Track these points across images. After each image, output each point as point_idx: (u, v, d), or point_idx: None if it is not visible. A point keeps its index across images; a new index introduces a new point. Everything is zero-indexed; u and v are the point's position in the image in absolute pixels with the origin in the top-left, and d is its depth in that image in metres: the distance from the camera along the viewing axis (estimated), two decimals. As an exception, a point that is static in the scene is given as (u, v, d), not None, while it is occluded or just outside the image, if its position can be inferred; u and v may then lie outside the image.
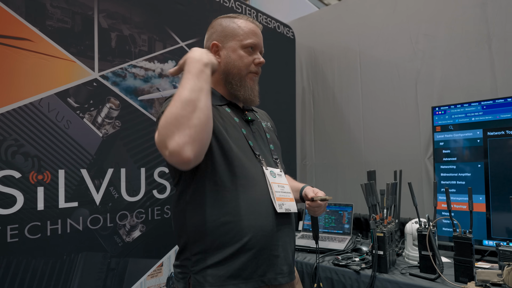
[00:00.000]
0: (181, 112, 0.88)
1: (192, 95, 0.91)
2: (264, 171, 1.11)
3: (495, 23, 1.85)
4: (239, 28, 1.15)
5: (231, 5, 2.10)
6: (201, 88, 0.94)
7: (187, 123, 0.88)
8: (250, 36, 1.15)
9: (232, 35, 1.15)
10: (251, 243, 1.03)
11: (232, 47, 1.15)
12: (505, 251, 1.36)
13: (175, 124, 0.87)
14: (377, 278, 1.47)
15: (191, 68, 0.97)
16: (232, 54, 1.14)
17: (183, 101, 0.89)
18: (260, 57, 1.17)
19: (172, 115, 0.88)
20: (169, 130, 0.87)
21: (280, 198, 1.10)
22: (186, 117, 0.88)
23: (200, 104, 0.91)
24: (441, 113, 1.85)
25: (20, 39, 1.25)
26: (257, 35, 1.17)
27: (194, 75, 0.95)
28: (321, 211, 1.24)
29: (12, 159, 1.22)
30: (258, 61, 1.16)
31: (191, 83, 0.93)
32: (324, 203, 1.22)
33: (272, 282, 1.06)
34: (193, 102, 0.90)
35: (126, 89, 1.55)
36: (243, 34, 1.14)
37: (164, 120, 0.89)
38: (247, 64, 1.15)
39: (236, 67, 1.14)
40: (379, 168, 1.96)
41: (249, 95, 1.16)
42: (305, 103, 2.69)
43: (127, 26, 1.57)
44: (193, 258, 1.04)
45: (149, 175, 1.61)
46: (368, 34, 2.34)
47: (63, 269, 1.33)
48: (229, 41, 1.15)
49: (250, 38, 1.15)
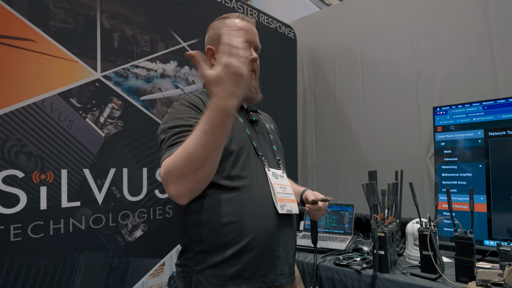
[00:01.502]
0: (188, 169, 0.89)
1: (204, 153, 0.88)
2: (267, 172, 1.12)
3: (497, 23, 1.85)
4: (229, 29, 1.15)
5: (232, 5, 2.10)
6: (215, 146, 0.89)
7: (190, 177, 0.90)
8: (240, 34, 1.15)
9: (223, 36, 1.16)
10: (252, 244, 1.03)
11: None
12: (506, 251, 1.36)
13: (179, 176, 0.90)
14: (378, 278, 1.47)
15: (212, 118, 0.86)
16: None
17: (192, 158, 0.88)
18: (253, 53, 1.17)
19: (180, 168, 0.90)
20: (172, 178, 0.91)
21: (282, 199, 1.11)
22: (191, 173, 0.90)
23: (209, 161, 0.90)
24: (442, 113, 1.85)
25: (23, 40, 1.26)
26: (247, 32, 1.17)
27: (213, 129, 0.86)
28: (321, 214, 1.25)
29: (15, 159, 1.22)
30: (251, 58, 1.15)
31: (207, 139, 0.87)
32: (324, 207, 1.23)
33: (273, 283, 1.06)
34: (203, 160, 0.89)
35: (128, 89, 1.56)
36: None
37: (170, 166, 0.91)
38: None
39: None
40: (380, 168, 1.96)
41: (246, 92, 1.16)
42: (306, 103, 2.69)
43: (129, 26, 1.57)
44: (195, 257, 1.05)
45: (151, 174, 1.62)
46: (369, 34, 2.34)
47: (65, 268, 1.33)
48: (221, 43, 1.16)
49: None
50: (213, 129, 0.86)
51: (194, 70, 1.83)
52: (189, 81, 1.81)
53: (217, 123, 0.86)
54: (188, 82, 1.81)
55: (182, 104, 1.07)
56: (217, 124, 0.86)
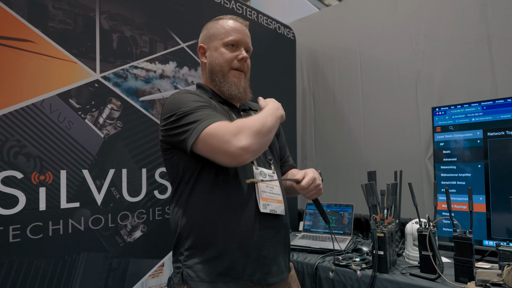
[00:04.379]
0: (261, 129, 1.01)
1: (271, 125, 1.05)
2: (254, 170, 1.12)
3: (495, 23, 1.86)
4: (221, 28, 1.19)
5: (231, 6, 2.11)
6: (275, 127, 1.09)
7: (260, 137, 1.00)
8: (231, 33, 1.18)
9: (215, 35, 1.19)
10: (235, 243, 1.05)
11: (215, 46, 1.19)
12: (505, 251, 1.36)
13: (256, 131, 0.99)
14: (378, 278, 1.47)
15: (271, 109, 1.11)
16: (214, 52, 1.18)
17: (265, 124, 1.03)
18: (243, 52, 1.19)
19: (254, 126, 1.00)
20: (248, 131, 0.98)
21: (266, 199, 1.11)
22: (263, 134, 1.01)
23: (271, 135, 1.06)
24: (441, 113, 1.85)
25: (22, 41, 1.26)
26: (239, 32, 1.19)
27: (274, 115, 1.09)
28: (312, 193, 1.14)
29: (14, 160, 1.22)
30: (241, 57, 1.18)
31: (272, 119, 1.07)
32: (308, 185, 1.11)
33: (261, 282, 1.08)
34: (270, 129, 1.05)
35: (127, 90, 1.56)
36: (224, 33, 1.18)
37: (243, 123, 0.99)
38: (228, 60, 1.17)
39: (217, 64, 1.17)
40: (380, 169, 1.97)
41: (233, 91, 1.18)
42: (305, 104, 2.69)
43: (128, 27, 1.57)
44: (185, 252, 1.08)
45: (150, 175, 1.62)
46: (368, 35, 2.34)
47: (64, 269, 1.33)
48: (212, 41, 1.20)
49: (231, 35, 1.18)
50: (274, 115, 1.09)
51: (193, 71, 1.84)
52: (188, 82, 1.81)
53: (276, 115, 1.10)
54: (187, 82, 1.81)
55: (184, 93, 1.11)
56: (276, 115, 1.10)
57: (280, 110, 1.14)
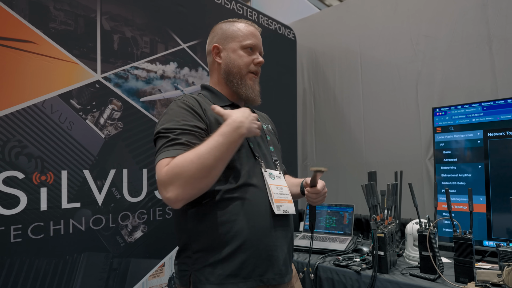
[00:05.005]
0: (198, 175, 0.93)
1: (214, 163, 0.94)
2: (263, 173, 1.13)
3: (496, 24, 1.86)
4: (239, 30, 1.19)
5: (232, 6, 2.11)
6: (225, 159, 0.97)
7: (195, 184, 0.94)
8: (249, 37, 1.19)
9: (232, 37, 1.19)
10: (248, 243, 1.04)
11: (232, 48, 1.18)
12: (505, 251, 1.36)
13: (186, 181, 0.92)
14: (378, 278, 1.48)
15: (228, 133, 0.97)
16: (232, 54, 1.18)
17: (204, 166, 0.93)
18: (259, 57, 1.21)
19: (189, 173, 0.92)
20: (178, 182, 0.92)
21: (278, 200, 1.12)
22: (198, 180, 0.94)
23: (215, 172, 0.96)
24: (441, 114, 1.85)
25: (24, 42, 1.26)
26: (256, 37, 1.21)
27: (227, 143, 0.96)
28: (320, 199, 1.26)
29: (15, 160, 1.23)
30: (258, 61, 1.19)
31: (220, 151, 0.95)
32: (322, 190, 1.25)
33: (271, 282, 1.07)
34: (211, 169, 0.95)
35: (128, 90, 1.56)
36: (243, 36, 1.19)
37: (177, 169, 0.92)
38: (246, 63, 1.18)
39: (236, 66, 1.17)
40: (380, 169, 1.97)
41: (250, 93, 1.19)
42: (306, 104, 2.70)
43: (129, 28, 1.58)
44: (193, 256, 1.06)
45: (151, 175, 1.62)
46: (368, 35, 2.34)
47: (65, 269, 1.34)
48: (229, 43, 1.19)
49: (249, 39, 1.19)
50: (227, 143, 0.95)
51: (194, 72, 1.84)
52: (188, 83, 1.82)
53: (232, 138, 0.96)
54: (188, 83, 1.81)
55: (179, 106, 1.08)
56: (231, 140, 0.96)
57: (241, 129, 0.98)
